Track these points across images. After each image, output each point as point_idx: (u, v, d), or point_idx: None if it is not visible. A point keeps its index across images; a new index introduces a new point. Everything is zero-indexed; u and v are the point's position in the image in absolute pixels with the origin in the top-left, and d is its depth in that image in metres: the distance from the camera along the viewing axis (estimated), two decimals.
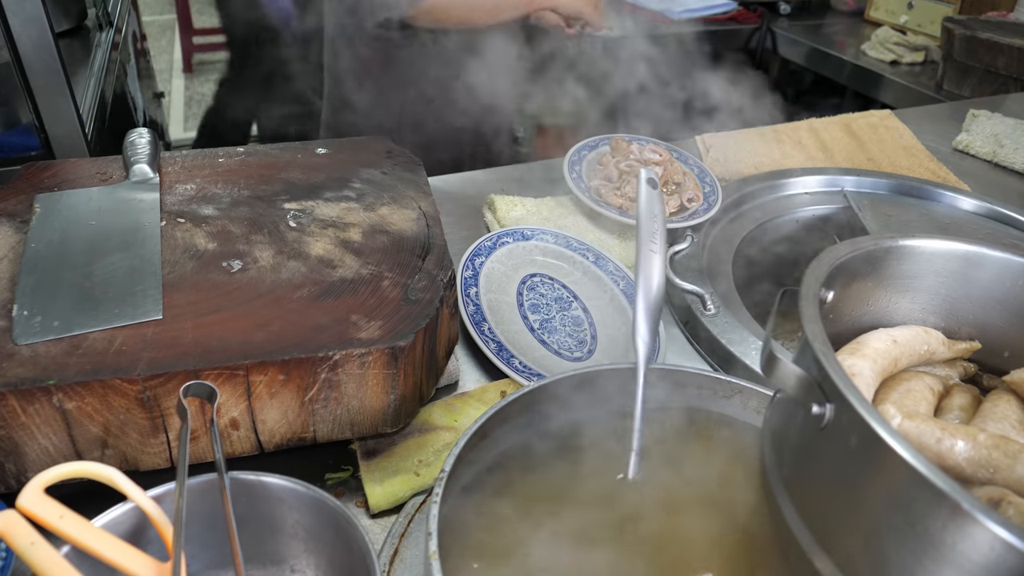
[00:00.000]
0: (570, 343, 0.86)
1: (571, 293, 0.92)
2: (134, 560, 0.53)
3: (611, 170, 1.11)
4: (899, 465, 0.42)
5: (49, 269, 0.73)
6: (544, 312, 0.88)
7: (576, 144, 1.18)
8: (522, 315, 0.87)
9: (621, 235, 1.06)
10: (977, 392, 0.65)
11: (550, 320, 0.87)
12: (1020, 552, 0.38)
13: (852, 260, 0.62)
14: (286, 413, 0.66)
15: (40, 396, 0.60)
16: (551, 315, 0.88)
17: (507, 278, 0.91)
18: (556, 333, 0.86)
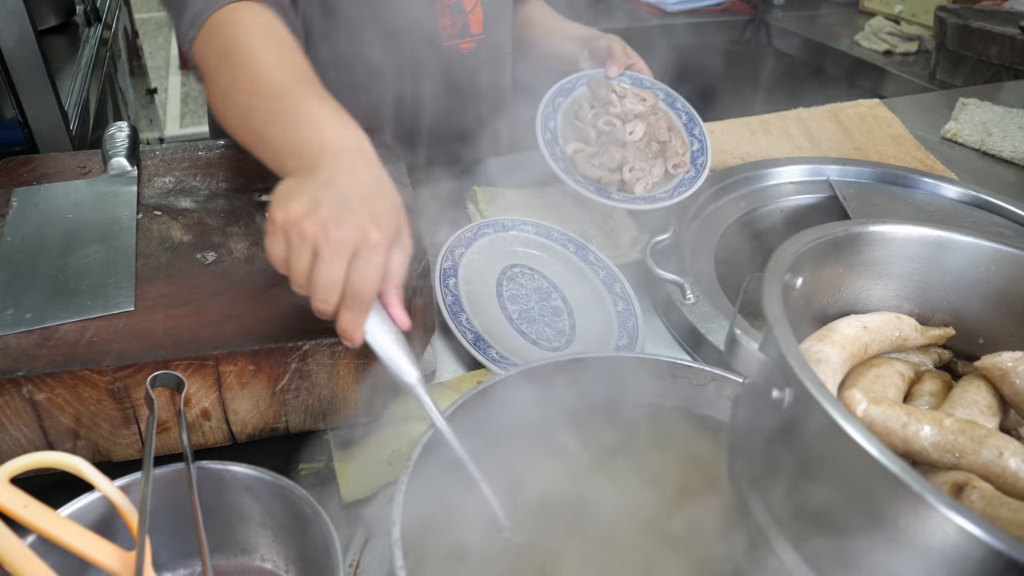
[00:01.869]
0: (549, 333, 0.86)
1: (551, 284, 0.92)
2: (99, 549, 0.53)
3: (588, 130, 1.03)
4: (853, 449, 0.42)
5: (24, 262, 0.73)
6: (523, 303, 0.88)
7: (551, 89, 1.06)
8: (501, 306, 0.87)
9: (604, 225, 1.05)
10: (949, 378, 0.65)
11: (529, 311, 0.87)
12: (972, 536, 0.38)
13: (821, 246, 0.62)
14: (257, 403, 0.66)
15: (9, 387, 0.60)
16: (530, 305, 0.88)
17: (487, 269, 0.91)
18: (535, 323, 0.86)
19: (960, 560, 0.39)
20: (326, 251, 0.57)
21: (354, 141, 0.66)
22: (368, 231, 0.58)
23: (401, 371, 0.60)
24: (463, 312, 0.83)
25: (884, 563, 0.43)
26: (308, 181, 0.61)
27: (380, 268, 0.59)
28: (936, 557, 0.40)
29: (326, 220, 0.57)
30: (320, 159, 0.63)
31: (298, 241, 0.58)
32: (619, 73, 1.09)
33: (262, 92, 0.70)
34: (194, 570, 0.62)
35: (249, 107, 0.71)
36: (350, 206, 0.58)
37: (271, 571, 0.61)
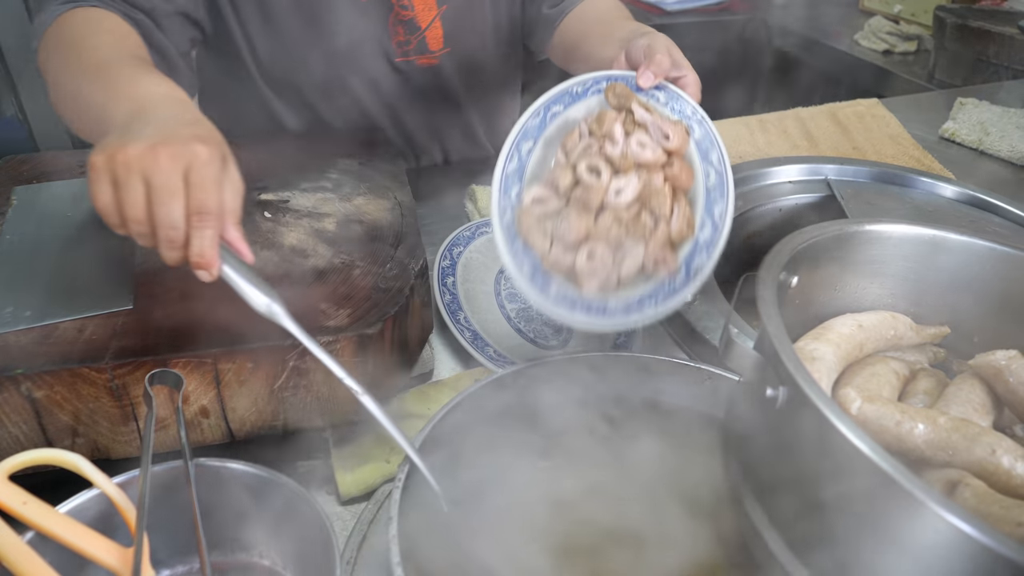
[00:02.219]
0: (547, 331, 0.86)
1: None
2: (98, 546, 0.53)
3: (562, 172, 0.69)
4: (846, 447, 0.42)
5: (23, 260, 0.73)
6: (521, 301, 0.88)
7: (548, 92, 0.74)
8: (499, 304, 0.87)
9: None
10: (943, 376, 0.65)
11: (527, 309, 0.87)
12: (963, 533, 0.38)
13: (817, 244, 0.62)
14: (256, 401, 0.66)
15: (8, 385, 0.60)
16: (528, 304, 0.88)
17: (485, 268, 0.91)
18: (533, 322, 0.87)
19: (952, 557, 0.40)
20: (158, 175, 0.54)
21: (171, 93, 0.65)
22: (196, 148, 0.56)
23: (257, 299, 0.59)
24: (461, 311, 0.83)
25: (878, 560, 0.43)
26: (127, 127, 0.59)
27: (217, 179, 0.56)
28: (928, 554, 0.41)
29: (152, 143, 0.55)
30: (139, 112, 0.61)
31: (125, 175, 0.55)
32: (653, 83, 0.74)
33: (88, 68, 0.70)
34: (192, 567, 0.62)
35: (77, 86, 0.70)
36: (173, 131, 0.57)
37: (269, 568, 0.62)
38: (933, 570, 0.40)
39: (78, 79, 0.71)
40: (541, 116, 0.73)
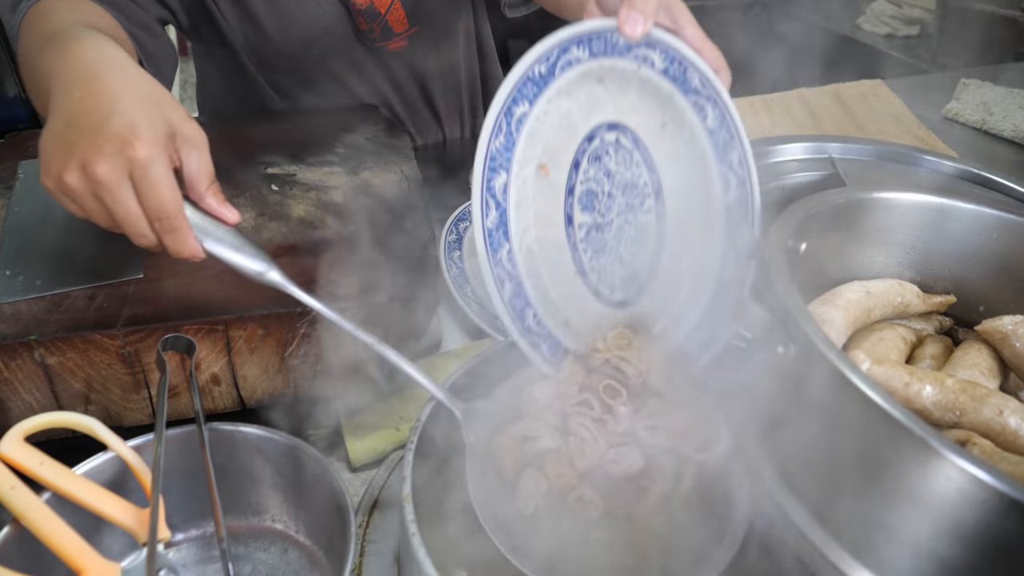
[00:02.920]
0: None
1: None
2: (114, 506, 0.54)
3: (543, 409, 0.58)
4: (858, 399, 0.43)
5: (32, 232, 0.73)
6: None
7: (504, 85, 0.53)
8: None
9: None
10: (950, 343, 0.66)
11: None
12: (976, 479, 0.39)
13: (825, 211, 0.63)
14: (266, 368, 0.66)
15: (22, 351, 0.60)
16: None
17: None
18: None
19: (966, 505, 0.40)
20: (102, 191, 0.53)
21: (97, 52, 0.60)
22: (131, 148, 0.52)
23: (251, 269, 0.57)
24: (468, 284, 0.84)
25: (889, 512, 0.43)
26: (54, 124, 0.55)
27: (164, 178, 0.53)
28: (943, 504, 0.41)
29: (84, 162, 0.52)
30: (66, 82, 0.57)
31: (75, 195, 0.54)
32: (642, 32, 0.56)
33: (43, 41, 0.66)
34: (205, 531, 0.63)
35: (34, 58, 0.67)
36: (102, 132, 0.52)
37: (282, 532, 0.62)
38: (948, 519, 0.41)
39: (35, 51, 0.68)
40: (505, 130, 0.55)
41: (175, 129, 0.55)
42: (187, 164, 0.56)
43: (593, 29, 0.56)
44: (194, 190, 0.57)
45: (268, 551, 0.61)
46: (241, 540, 0.62)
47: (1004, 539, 0.39)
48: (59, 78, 0.57)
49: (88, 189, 0.53)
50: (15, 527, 0.52)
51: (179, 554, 0.61)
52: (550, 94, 0.56)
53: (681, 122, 0.61)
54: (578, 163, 0.59)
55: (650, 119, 0.61)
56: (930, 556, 0.42)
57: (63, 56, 0.59)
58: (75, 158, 0.52)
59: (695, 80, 0.59)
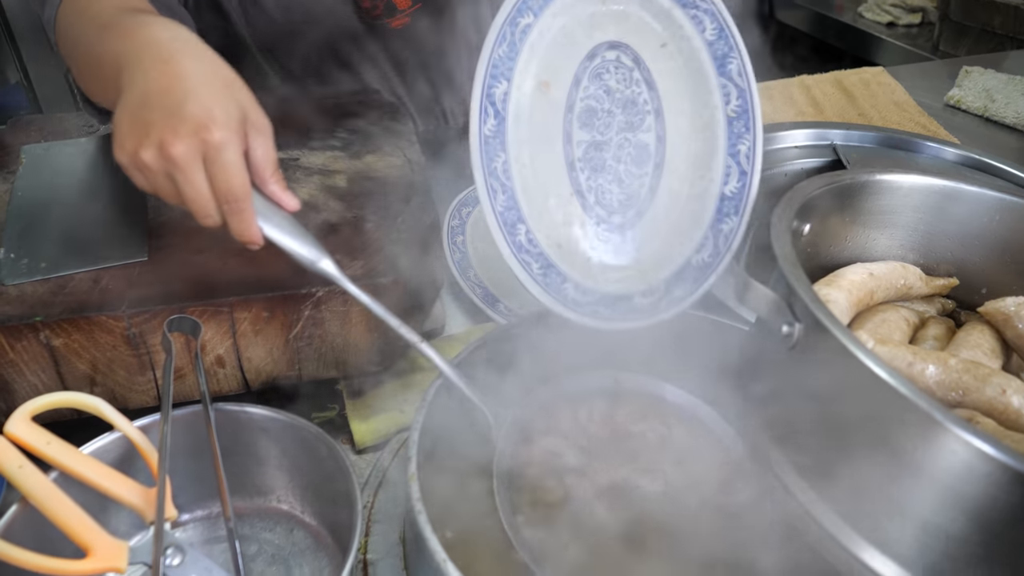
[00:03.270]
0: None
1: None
2: (120, 485, 0.54)
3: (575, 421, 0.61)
4: (864, 376, 0.43)
5: (36, 215, 0.73)
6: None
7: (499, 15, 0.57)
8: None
9: None
10: (952, 325, 0.66)
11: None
12: (982, 453, 0.39)
13: (829, 193, 0.63)
14: (271, 351, 0.67)
15: (27, 333, 0.61)
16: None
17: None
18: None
19: (969, 479, 0.40)
20: (175, 171, 0.55)
21: (168, 32, 0.61)
22: (206, 131, 0.54)
23: (305, 257, 0.58)
24: (472, 268, 0.84)
25: (895, 488, 0.44)
26: (129, 102, 0.57)
27: (236, 163, 0.55)
28: (946, 478, 0.41)
29: (160, 141, 0.54)
30: (138, 60, 0.58)
31: (148, 174, 0.56)
32: None
33: (100, 27, 0.67)
34: (211, 511, 0.63)
35: (91, 52, 0.68)
36: (179, 112, 0.54)
37: (287, 512, 0.62)
38: (953, 494, 0.41)
39: (92, 36, 0.68)
40: (509, 39, 0.57)
41: (246, 114, 0.57)
42: (254, 149, 0.57)
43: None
44: (259, 175, 0.58)
45: (274, 531, 0.62)
46: (247, 520, 0.62)
47: (1009, 512, 0.39)
48: (132, 58, 0.58)
49: (162, 168, 0.55)
50: (23, 506, 0.52)
51: (185, 534, 0.62)
52: (555, 8, 0.57)
53: (680, 38, 0.61)
54: (579, 80, 0.60)
55: (651, 38, 0.61)
56: (935, 531, 0.42)
57: (135, 37, 0.60)
58: (152, 137, 0.54)
59: (703, 12, 0.61)
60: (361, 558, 0.59)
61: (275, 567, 0.59)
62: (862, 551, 0.46)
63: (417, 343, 0.58)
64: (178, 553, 0.52)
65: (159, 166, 0.55)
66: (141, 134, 0.55)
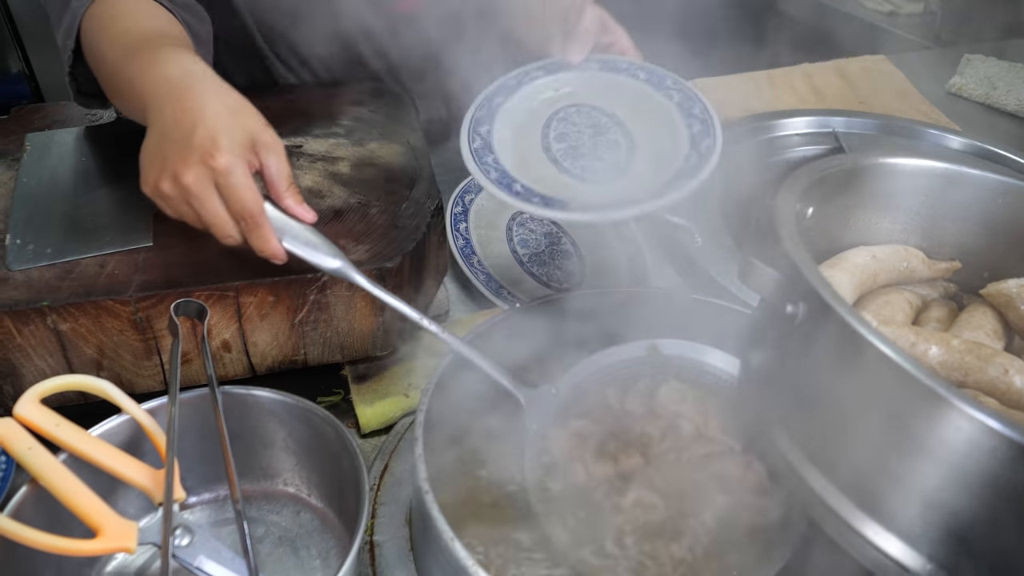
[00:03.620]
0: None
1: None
2: (129, 466, 0.54)
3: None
4: (868, 353, 0.43)
5: (41, 202, 0.74)
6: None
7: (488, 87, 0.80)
8: (512, 249, 0.88)
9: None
10: (955, 307, 0.66)
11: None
12: (988, 428, 0.39)
13: (832, 176, 0.63)
14: (277, 335, 0.67)
15: (35, 317, 0.61)
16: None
17: (496, 214, 0.92)
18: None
19: (972, 454, 0.40)
20: (191, 198, 0.60)
21: (180, 68, 0.65)
22: (212, 159, 0.58)
23: (325, 263, 0.62)
24: (475, 254, 0.84)
25: (897, 463, 0.44)
26: (150, 138, 0.62)
27: (244, 183, 0.59)
28: (949, 454, 0.42)
29: (174, 172, 0.59)
30: (157, 100, 0.63)
31: (169, 202, 0.61)
32: (582, 56, 0.80)
33: (122, 52, 0.70)
34: (218, 494, 0.63)
35: (114, 70, 0.71)
36: (188, 144, 0.59)
37: (294, 495, 0.63)
38: (958, 469, 0.41)
39: (115, 64, 0.71)
40: (486, 108, 0.78)
41: (254, 136, 0.61)
42: (267, 167, 0.62)
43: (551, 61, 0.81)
44: (274, 191, 0.63)
45: (280, 514, 0.62)
46: (253, 503, 0.63)
47: (1012, 487, 0.40)
48: (151, 98, 0.63)
49: (180, 196, 0.60)
50: (33, 487, 0.53)
51: (192, 516, 0.62)
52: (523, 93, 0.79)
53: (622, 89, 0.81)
54: (548, 124, 0.78)
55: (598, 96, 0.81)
56: (939, 507, 0.43)
57: (151, 76, 0.65)
58: (167, 169, 0.59)
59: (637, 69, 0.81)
60: (368, 539, 0.59)
61: (282, 548, 0.60)
62: (866, 527, 0.46)
63: (440, 334, 0.61)
64: (187, 533, 0.53)
65: (176, 194, 0.60)
66: (159, 167, 0.60)
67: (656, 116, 0.78)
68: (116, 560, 0.58)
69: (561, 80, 0.81)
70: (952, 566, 0.44)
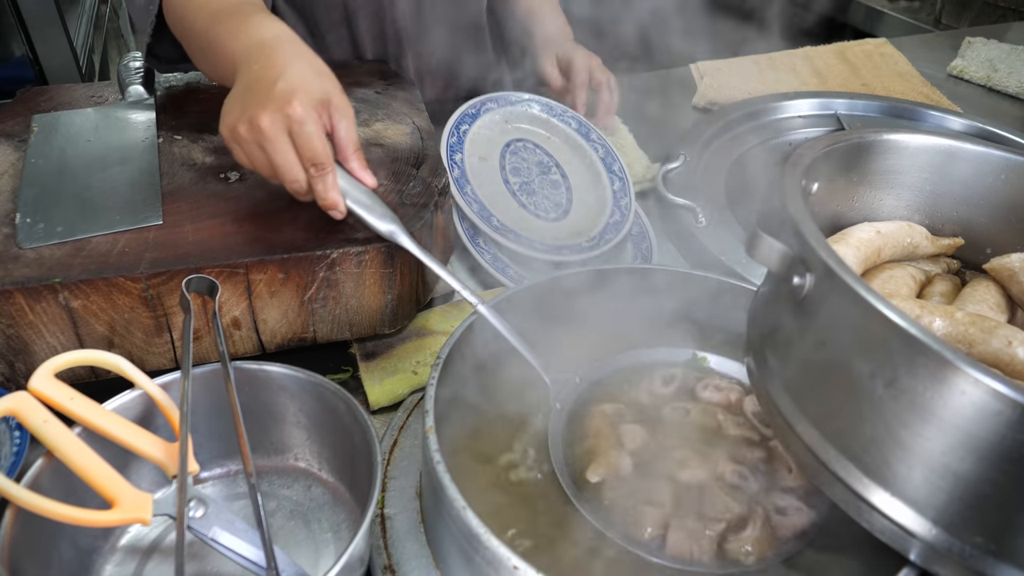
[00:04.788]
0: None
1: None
2: (143, 439, 0.55)
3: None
4: (874, 319, 0.44)
5: (49, 182, 0.74)
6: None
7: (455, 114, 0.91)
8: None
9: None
10: (959, 282, 0.67)
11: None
12: (994, 391, 0.40)
13: (836, 152, 0.63)
14: (286, 313, 0.67)
15: (46, 294, 0.61)
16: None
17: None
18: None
19: (978, 419, 0.41)
20: (264, 140, 0.63)
21: (272, 31, 0.69)
22: (289, 106, 0.62)
23: (379, 225, 0.65)
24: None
25: (903, 430, 0.44)
26: (235, 88, 0.66)
27: (317, 133, 0.63)
28: (955, 419, 0.42)
29: (252, 116, 0.62)
30: (247, 57, 0.67)
31: (244, 145, 0.64)
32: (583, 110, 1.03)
33: (210, 17, 0.74)
34: (229, 469, 0.64)
35: (206, 36, 0.75)
36: (269, 93, 0.63)
37: (305, 469, 0.64)
38: (963, 433, 0.42)
39: (204, 27, 0.75)
40: (456, 135, 0.91)
41: (330, 98, 0.65)
42: (337, 129, 0.66)
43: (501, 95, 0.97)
44: (341, 153, 0.67)
45: (292, 488, 0.63)
46: (265, 478, 0.63)
47: (1016, 450, 0.40)
48: (242, 57, 0.67)
49: (254, 139, 0.63)
50: (48, 459, 0.53)
51: (205, 491, 0.63)
52: (480, 123, 0.94)
53: (557, 132, 0.99)
54: (503, 155, 0.93)
55: (541, 136, 0.98)
56: (944, 472, 0.44)
57: (245, 37, 0.69)
58: (246, 113, 0.63)
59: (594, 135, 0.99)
60: (379, 512, 0.60)
61: (294, 522, 0.61)
62: (872, 494, 0.47)
63: (477, 305, 0.62)
64: (201, 505, 0.53)
65: (251, 138, 0.63)
66: (239, 112, 0.64)
67: (584, 163, 0.96)
68: (130, 532, 0.59)
69: (509, 114, 0.97)
70: (957, 530, 0.45)
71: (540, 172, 0.93)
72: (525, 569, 0.46)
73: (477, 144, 0.92)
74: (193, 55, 0.80)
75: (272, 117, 0.62)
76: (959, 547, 0.45)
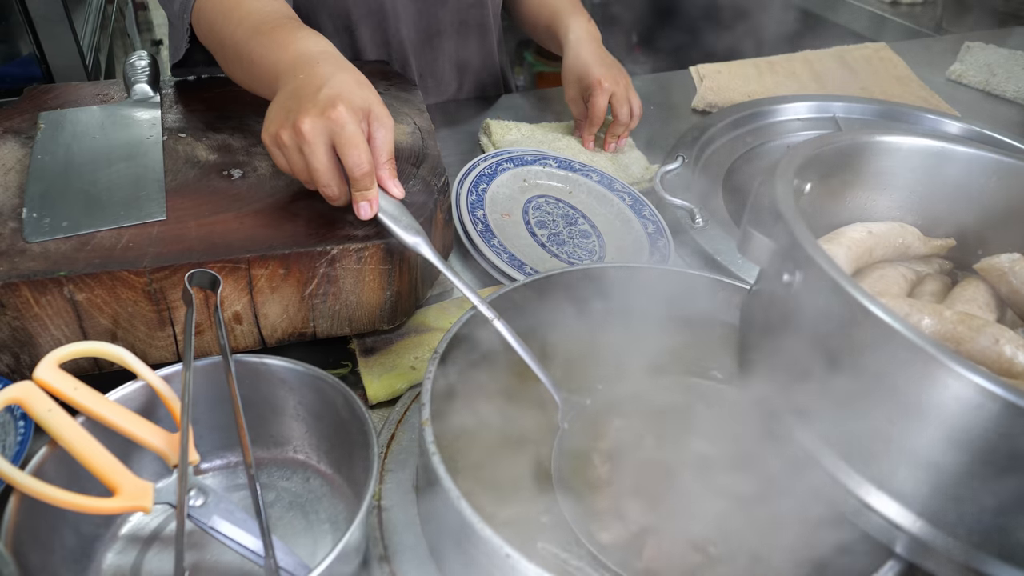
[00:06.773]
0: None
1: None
2: (145, 429, 0.56)
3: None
4: (862, 316, 0.45)
5: (56, 178, 0.75)
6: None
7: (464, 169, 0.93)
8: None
9: (614, 156, 1.08)
10: (949, 283, 0.68)
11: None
12: (985, 389, 0.40)
13: (829, 153, 0.64)
14: (287, 308, 0.69)
15: (52, 287, 0.63)
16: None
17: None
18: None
19: (973, 417, 0.42)
20: (305, 144, 0.64)
21: (319, 47, 0.73)
22: (332, 111, 0.64)
23: (404, 236, 0.67)
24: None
25: (890, 425, 0.45)
26: (280, 96, 0.69)
27: (359, 135, 0.65)
28: (942, 414, 0.43)
29: (294, 121, 0.64)
30: (292, 69, 0.70)
31: (285, 149, 0.66)
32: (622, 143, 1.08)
33: (250, 31, 0.77)
34: (229, 461, 0.65)
35: (242, 49, 0.77)
36: (312, 100, 0.65)
37: (303, 462, 0.65)
38: (950, 428, 0.43)
39: (243, 39, 0.77)
40: (475, 193, 0.92)
41: (371, 107, 0.67)
42: (375, 137, 0.68)
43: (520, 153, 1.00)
44: (375, 160, 0.68)
45: (290, 479, 0.64)
46: (264, 469, 0.64)
47: (1003, 446, 0.41)
48: (286, 67, 0.70)
49: (295, 144, 0.65)
50: (52, 448, 0.54)
51: (204, 481, 0.64)
52: (499, 181, 0.95)
53: (577, 184, 1.00)
54: (526, 211, 0.93)
55: (562, 192, 0.98)
56: (929, 465, 0.44)
57: (290, 50, 0.72)
58: (289, 118, 0.65)
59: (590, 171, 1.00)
60: (376, 504, 0.61)
61: (292, 513, 0.62)
62: (859, 488, 0.48)
63: (493, 319, 0.63)
64: (201, 495, 0.54)
65: (293, 143, 0.65)
66: (283, 118, 0.66)
67: (612, 211, 0.96)
68: (132, 521, 0.60)
69: (527, 172, 0.98)
70: (942, 523, 0.46)
71: (567, 224, 0.93)
72: (517, 558, 0.47)
73: (497, 202, 0.92)
74: (227, 64, 0.82)
75: (314, 122, 0.64)
76: (943, 539, 0.46)
